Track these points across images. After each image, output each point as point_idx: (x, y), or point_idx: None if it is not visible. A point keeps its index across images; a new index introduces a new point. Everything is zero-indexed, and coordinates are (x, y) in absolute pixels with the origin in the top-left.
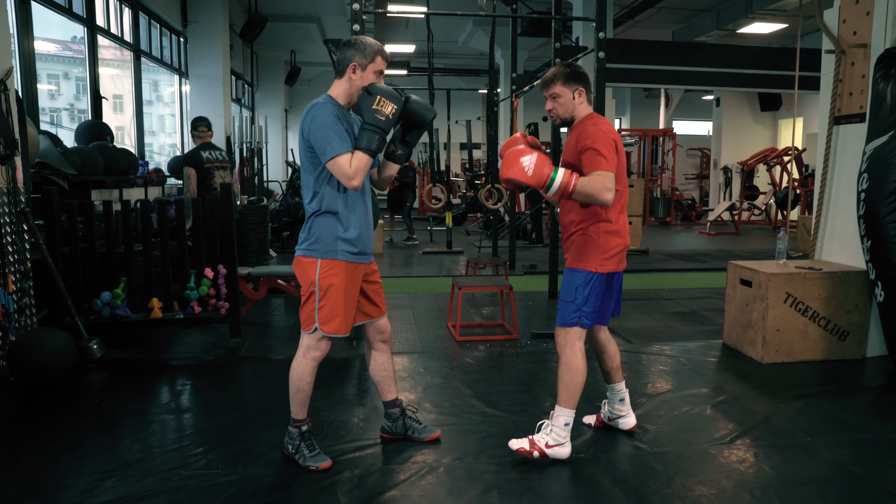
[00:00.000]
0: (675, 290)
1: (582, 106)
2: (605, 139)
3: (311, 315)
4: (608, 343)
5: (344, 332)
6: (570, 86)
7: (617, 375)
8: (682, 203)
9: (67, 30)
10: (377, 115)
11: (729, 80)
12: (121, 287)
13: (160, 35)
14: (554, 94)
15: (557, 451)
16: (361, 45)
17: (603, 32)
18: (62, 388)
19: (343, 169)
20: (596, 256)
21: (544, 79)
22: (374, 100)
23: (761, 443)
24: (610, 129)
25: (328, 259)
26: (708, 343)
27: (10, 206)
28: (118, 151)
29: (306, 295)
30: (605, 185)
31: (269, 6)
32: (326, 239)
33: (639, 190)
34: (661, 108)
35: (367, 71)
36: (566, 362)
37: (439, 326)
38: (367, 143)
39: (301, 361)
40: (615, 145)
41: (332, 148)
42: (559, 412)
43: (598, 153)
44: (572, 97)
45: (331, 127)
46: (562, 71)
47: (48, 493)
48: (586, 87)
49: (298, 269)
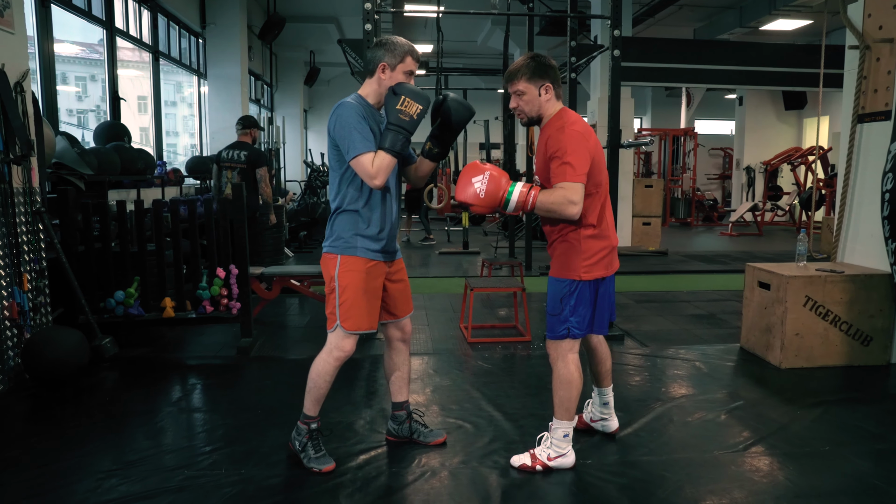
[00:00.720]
0: (694, 292)
1: (550, 103)
2: (574, 144)
3: (333, 312)
4: (599, 346)
5: (366, 328)
6: (535, 81)
7: (605, 380)
8: (703, 203)
9: (94, 33)
10: (401, 116)
11: (752, 78)
12: (134, 286)
13: (179, 36)
14: (518, 90)
15: (560, 462)
16: (392, 45)
17: (618, 30)
18: (75, 385)
19: (365, 168)
20: (579, 263)
21: (507, 73)
22: (398, 100)
23: (777, 451)
24: (580, 128)
25: (347, 255)
26: (725, 347)
27: (26, 205)
28: (135, 152)
29: (329, 291)
30: (567, 199)
31: (287, 7)
32: (346, 236)
33: (658, 190)
34: (683, 107)
35: (397, 71)
36: (559, 376)
37: (452, 327)
38: (390, 143)
39: (324, 359)
40: (586, 144)
41: (355, 147)
42: (557, 425)
43: (563, 163)
44: (538, 94)
45: (354, 126)
46: (525, 64)
47: (52, 491)
48: (554, 81)
49: (323, 265)
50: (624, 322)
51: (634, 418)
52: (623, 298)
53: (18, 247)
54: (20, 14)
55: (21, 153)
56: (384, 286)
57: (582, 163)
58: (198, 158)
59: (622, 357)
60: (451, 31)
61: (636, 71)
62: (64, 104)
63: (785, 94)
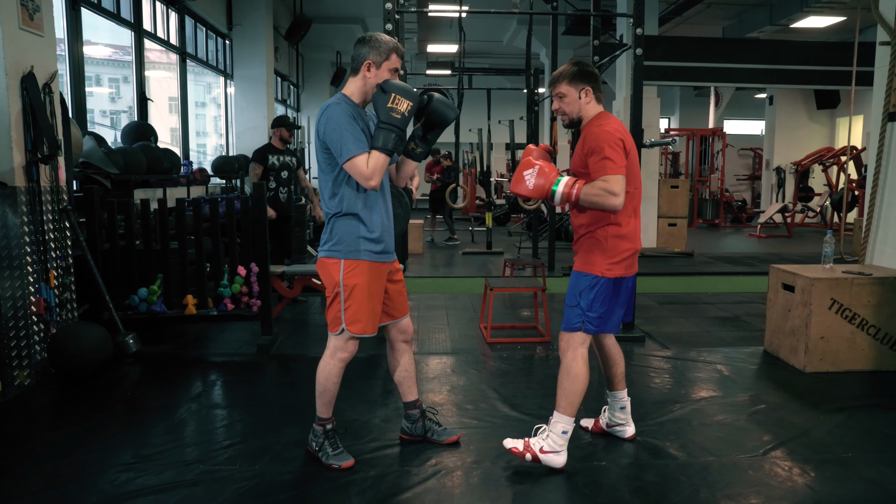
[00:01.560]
0: (718, 294)
1: (589, 106)
2: (610, 140)
3: (337, 316)
4: (612, 348)
5: (371, 332)
6: (576, 85)
7: (620, 383)
8: (731, 204)
9: (126, 35)
10: (392, 114)
11: (782, 76)
12: (157, 283)
13: (206, 38)
14: (560, 93)
15: (551, 459)
16: (376, 41)
17: (640, 28)
18: (98, 380)
19: (360, 169)
20: (603, 260)
21: (551, 77)
22: (388, 97)
23: (797, 457)
24: (617, 128)
25: (351, 259)
26: (748, 350)
27: (53, 203)
28: (161, 152)
29: (331, 296)
30: (610, 190)
31: (314, 8)
32: (348, 239)
33: (684, 191)
34: (711, 106)
35: (382, 69)
36: (566, 368)
37: (472, 327)
38: (383, 142)
39: (329, 362)
40: (623, 145)
41: (348, 149)
42: (557, 419)
43: (603, 157)
44: (578, 97)
45: (346, 127)
46: (568, 70)
47: (70, 483)
48: (594, 86)
49: (322, 270)
50: (645, 324)
51: (651, 420)
52: (645, 300)
53: (45, 244)
54: (49, 17)
55: (48, 153)
56: (385, 287)
57: (620, 158)
58: (224, 158)
59: (642, 359)
60: (476, 31)
61: (662, 70)
62: (98, 105)
63: (817, 93)
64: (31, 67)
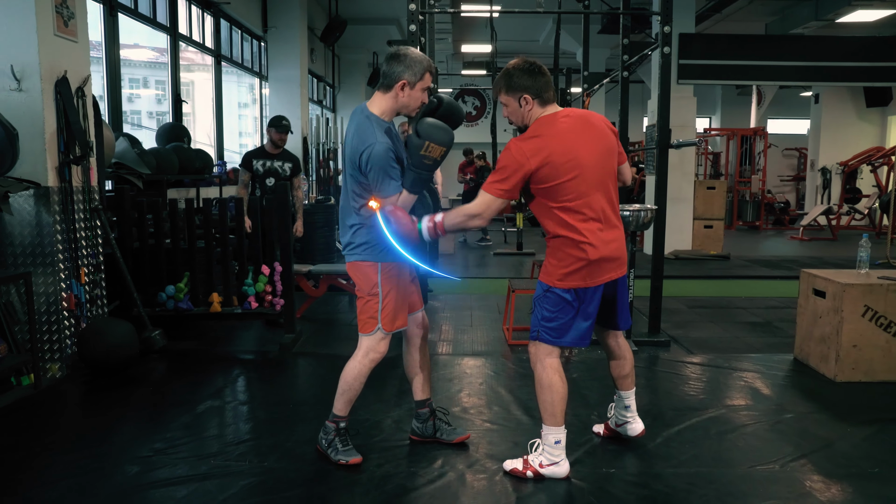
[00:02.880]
0: (751, 298)
1: (532, 112)
2: (506, 160)
3: (373, 316)
4: (618, 349)
5: (402, 325)
6: (514, 93)
7: (625, 383)
8: (773, 206)
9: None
10: (424, 160)
11: (828, 74)
12: (184, 281)
13: (241, 40)
14: (502, 102)
15: (553, 471)
16: (411, 61)
17: (668, 26)
18: (125, 374)
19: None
20: (555, 270)
21: (493, 84)
22: (422, 145)
23: (819, 470)
24: (527, 146)
25: (388, 262)
26: (777, 357)
27: (84, 203)
28: (193, 152)
29: (365, 297)
30: (470, 213)
31: (349, 9)
32: (383, 244)
33: (721, 192)
34: (753, 105)
35: (416, 89)
36: (538, 380)
37: (495, 329)
38: (412, 185)
39: (361, 362)
40: (519, 158)
41: (385, 189)
42: (546, 431)
43: (495, 174)
44: (518, 105)
45: (386, 169)
46: (504, 77)
47: (89, 473)
48: (533, 90)
49: (356, 272)
50: (672, 328)
51: (667, 428)
52: (674, 303)
53: (76, 242)
54: (83, 23)
55: (79, 154)
56: None
57: (503, 177)
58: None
59: (666, 364)
60: (511, 30)
61: (699, 68)
62: (145, 107)
63: (867, 90)
64: (65, 72)
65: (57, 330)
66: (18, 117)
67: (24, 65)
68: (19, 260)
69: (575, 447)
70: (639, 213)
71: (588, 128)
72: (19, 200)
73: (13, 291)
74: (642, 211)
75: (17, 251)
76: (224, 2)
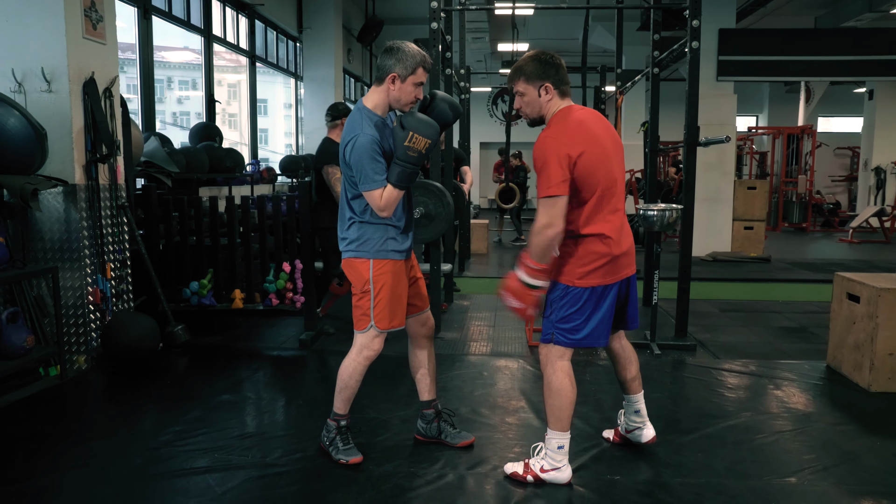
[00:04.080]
0: (789, 302)
1: (551, 103)
2: (548, 152)
3: (366, 313)
4: (622, 351)
5: (398, 326)
6: (535, 82)
7: (633, 386)
8: (822, 207)
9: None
10: (409, 152)
11: (883, 68)
12: (207, 278)
13: (276, 41)
14: (518, 91)
15: (554, 476)
16: (403, 54)
17: (696, 20)
18: (147, 367)
19: (375, 201)
20: (574, 269)
21: (510, 72)
22: (406, 135)
23: (838, 485)
24: (564, 134)
25: (379, 259)
26: (809, 364)
27: (111, 200)
28: (223, 151)
29: (359, 294)
30: (542, 227)
31: (386, 9)
32: (376, 240)
33: (762, 192)
34: (801, 102)
35: (407, 83)
36: (548, 383)
37: (518, 330)
38: (397, 178)
39: (354, 360)
40: (560, 150)
41: (366, 182)
42: (550, 435)
43: (542, 175)
44: (538, 94)
45: (367, 160)
46: (524, 64)
47: (101, 463)
48: (554, 80)
49: (350, 269)
50: (700, 332)
51: (682, 435)
52: (706, 307)
53: (102, 238)
54: (112, 26)
55: (105, 153)
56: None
57: (558, 174)
58: (291, 158)
59: (689, 369)
60: (550, 28)
61: (739, 65)
62: (194, 108)
63: None
64: (93, 73)
65: (83, 323)
66: (48, 117)
67: (53, 67)
68: (48, 255)
69: (582, 452)
70: (664, 212)
71: (602, 120)
72: (48, 198)
73: (43, 285)
74: (667, 211)
75: (46, 247)
76: (258, 3)
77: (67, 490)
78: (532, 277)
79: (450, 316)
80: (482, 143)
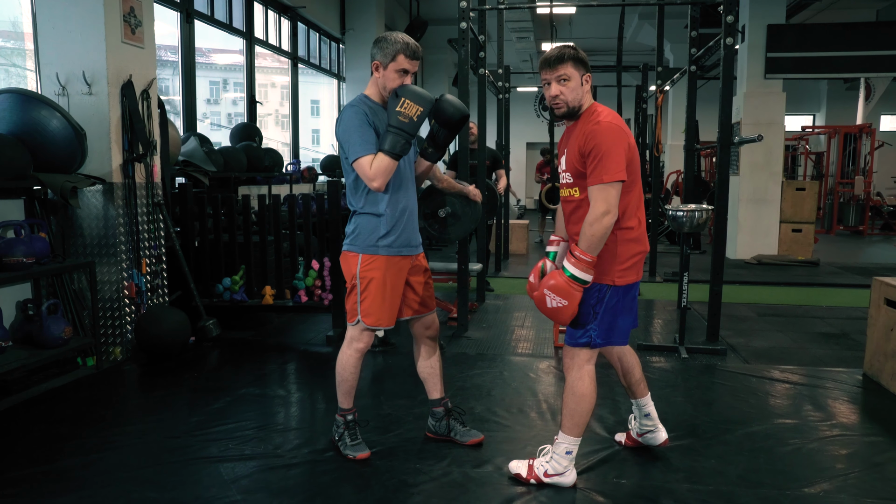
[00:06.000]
0: (832, 307)
1: (587, 95)
2: (607, 139)
3: (353, 307)
4: (623, 356)
5: (385, 325)
6: (580, 69)
7: (639, 389)
8: (880, 210)
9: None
10: (400, 118)
11: None
12: (239, 274)
13: (319, 42)
14: (564, 75)
15: (557, 481)
16: (384, 43)
17: (731, 16)
18: (179, 359)
19: (364, 170)
20: (613, 268)
21: (549, 57)
22: (398, 102)
23: (860, 497)
24: (620, 122)
25: (368, 254)
26: (845, 371)
27: (147, 198)
28: (262, 151)
29: (349, 288)
30: (599, 214)
31: (431, 10)
32: (367, 234)
33: (811, 194)
34: (860, 100)
35: (389, 70)
36: (571, 386)
37: (545, 330)
38: (389, 145)
39: (346, 352)
40: (622, 139)
41: (354, 150)
42: (562, 439)
43: (606, 162)
44: (581, 82)
45: (354, 129)
46: (570, 51)
47: (123, 448)
48: (589, 75)
49: (343, 262)
50: (733, 336)
51: (698, 440)
52: (743, 310)
53: (138, 234)
54: (150, 30)
55: (142, 152)
56: (406, 280)
57: (619, 160)
58: (331, 157)
59: (715, 373)
60: (595, 28)
61: (789, 62)
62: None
63: None
64: (130, 76)
65: (119, 316)
66: (88, 118)
67: (93, 70)
68: (87, 250)
69: (591, 454)
70: (693, 213)
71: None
72: (87, 195)
73: (82, 279)
74: (697, 211)
75: (85, 242)
76: (300, 6)
77: (79, 475)
78: (583, 272)
79: (479, 315)
80: (528, 144)
